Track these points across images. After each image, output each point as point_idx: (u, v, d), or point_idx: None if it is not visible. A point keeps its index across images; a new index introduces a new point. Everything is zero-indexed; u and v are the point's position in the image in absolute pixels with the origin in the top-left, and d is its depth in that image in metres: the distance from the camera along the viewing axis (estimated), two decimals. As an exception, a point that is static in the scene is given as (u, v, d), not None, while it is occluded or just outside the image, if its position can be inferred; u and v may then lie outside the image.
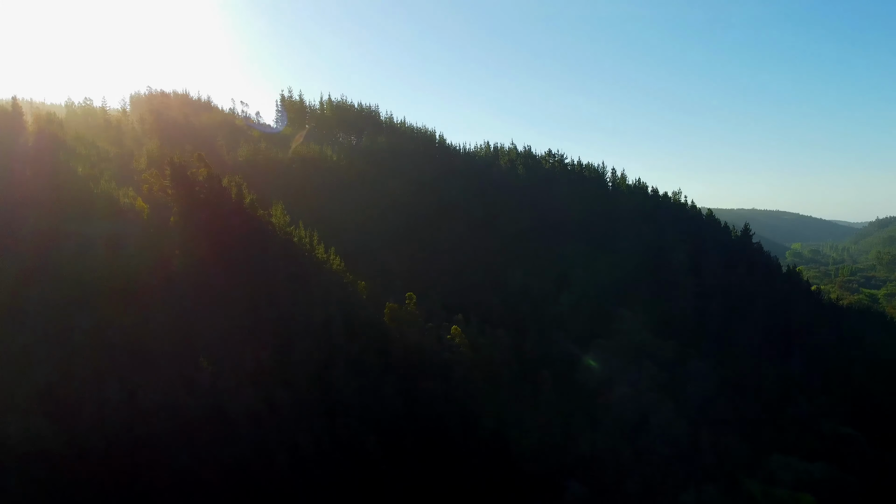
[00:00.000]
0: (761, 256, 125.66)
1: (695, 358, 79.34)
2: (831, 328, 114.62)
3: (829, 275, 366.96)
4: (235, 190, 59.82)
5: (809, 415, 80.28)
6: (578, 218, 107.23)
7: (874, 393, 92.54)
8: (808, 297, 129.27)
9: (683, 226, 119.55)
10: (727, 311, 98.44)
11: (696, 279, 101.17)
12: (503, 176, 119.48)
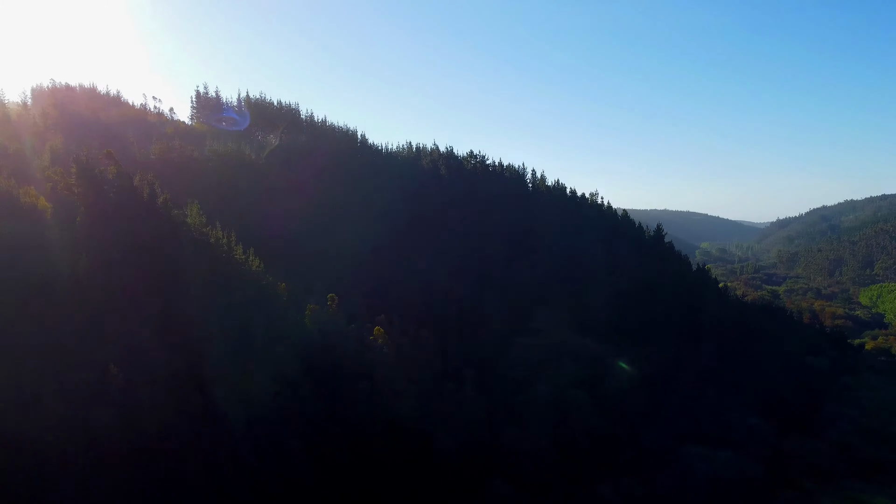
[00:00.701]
0: (673, 255, 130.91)
1: (612, 354, 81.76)
2: (737, 323, 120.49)
3: (735, 272, 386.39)
4: (147, 189, 57.45)
5: (719, 406, 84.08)
6: (499, 218, 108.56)
7: (777, 383, 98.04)
8: (717, 294, 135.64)
9: (600, 226, 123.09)
10: (642, 308, 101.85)
11: (612, 277, 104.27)
12: (425, 176, 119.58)
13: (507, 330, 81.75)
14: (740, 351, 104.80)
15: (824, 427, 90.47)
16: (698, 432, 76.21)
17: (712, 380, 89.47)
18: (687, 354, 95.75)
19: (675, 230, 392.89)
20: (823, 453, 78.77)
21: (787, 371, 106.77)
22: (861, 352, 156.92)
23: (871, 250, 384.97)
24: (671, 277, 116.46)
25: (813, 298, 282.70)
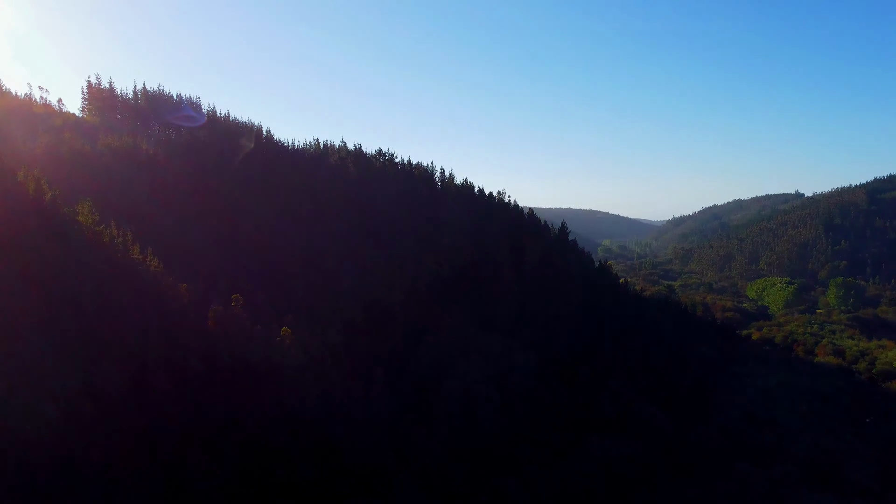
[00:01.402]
0: (576, 252, 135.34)
1: (518, 349, 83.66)
2: (637, 317, 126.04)
3: (635, 268, 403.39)
4: (33, 185, 53.89)
5: (617, 397, 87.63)
6: (408, 216, 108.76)
7: (672, 373, 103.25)
8: (617, 289, 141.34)
9: (507, 224, 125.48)
10: (547, 304, 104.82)
11: (518, 274, 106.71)
12: (333, 174, 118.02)
13: (416, 328, 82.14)
14: (639, 343, 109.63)
15: (715, 413, 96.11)
16: (599, 422, 79.17)
17: (613, 371, 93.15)
18: (589, 347, 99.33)
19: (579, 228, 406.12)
20: (714, 438, 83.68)
21: (681, 361, 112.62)
22: (748, 342, 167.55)
23: (756, 247, 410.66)
24: (574, 274, 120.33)
25: (705, 292, 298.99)
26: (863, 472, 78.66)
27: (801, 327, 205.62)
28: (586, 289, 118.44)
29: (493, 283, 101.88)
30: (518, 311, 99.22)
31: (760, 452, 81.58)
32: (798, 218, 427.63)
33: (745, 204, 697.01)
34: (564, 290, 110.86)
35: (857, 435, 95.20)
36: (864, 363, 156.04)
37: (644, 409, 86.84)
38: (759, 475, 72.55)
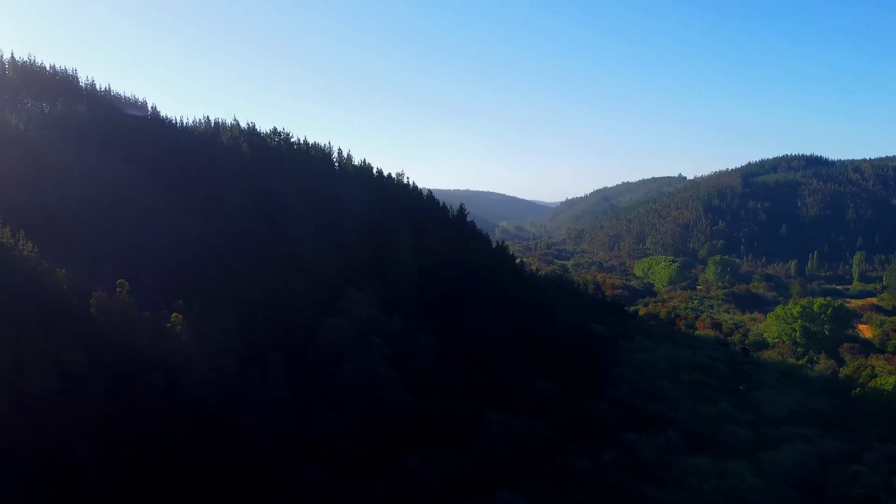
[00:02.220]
0: (475, 233, 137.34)
1: (419, 331, 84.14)
2: (533, 296, 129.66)
3: (531, 248, 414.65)
4: None
5: (516, 374, 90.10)
6: (305, 198, 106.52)
7: (567, 350, 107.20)
8: (514, 269, 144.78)
9: (406, 205, 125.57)
10: (447, 285, 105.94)
11: (418, 256, 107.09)
12: (226, 154, 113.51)
13: (316, 311, 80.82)
14: (535, 321, 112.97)
15: (606, 387, 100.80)
16: (499, 399, 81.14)
17: (511, 349, 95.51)
18: (489, 327, 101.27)
19: (477, 209, 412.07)
20: (605, 411, 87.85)
21: (575, 338, 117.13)
22: (636, 317, 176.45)
23: (643, 227, 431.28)
24: (473, 254, 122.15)
25: (596, 271, 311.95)
26: (736, 436, 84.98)
27: (684, 303, 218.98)
28: (485, 269, 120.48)
29: (393, 265, 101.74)
30: (419, 292, 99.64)
31: (647, 421, 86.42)
32: (681, 200, 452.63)
33: (632, 186, 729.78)
34: (464, 271, 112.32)
35: (732, 402, 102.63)
36: (739, 335, 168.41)
37: (541, 385, 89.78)
38: (645, 442, 76.89)
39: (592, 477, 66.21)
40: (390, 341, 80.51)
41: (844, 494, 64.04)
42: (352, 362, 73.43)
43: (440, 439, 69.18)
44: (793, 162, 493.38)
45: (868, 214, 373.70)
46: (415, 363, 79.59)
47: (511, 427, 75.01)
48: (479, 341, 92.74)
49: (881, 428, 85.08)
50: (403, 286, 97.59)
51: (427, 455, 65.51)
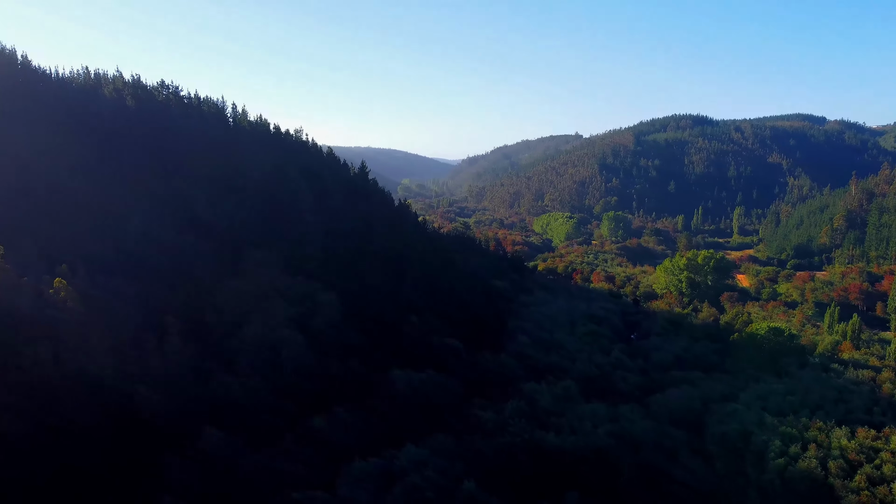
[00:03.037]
0: (377, 191, 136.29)
1: (322, 291, 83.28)
2: (436, 253, 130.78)
3: (433, 206, 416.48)
4: None
5: (420, 331, 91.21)
6: (200, 156, 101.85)
7: (469, 306, 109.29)
8: (417, 227, 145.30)
9: (306, 163, 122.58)
10: (349, 244, 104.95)
11: (320, 215, 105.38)
12: (109, 109, 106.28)
13: (214, 274, 78.29)
14: (438, 279, 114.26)
15: (507, 341, 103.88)
16: (404, 357, 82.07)
17: (415, 307, 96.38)
18: (392, 285, 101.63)
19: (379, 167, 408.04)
20: (507, 364, 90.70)
21: (477, 294, 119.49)
22: (535, 273, 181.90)
23: (541, 184, 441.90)
24: (375, 213, 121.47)
25: (497, 228, 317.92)
26: (628, 382, 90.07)
27: (580, 257, 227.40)
28: (388, 227, 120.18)
29: (293, 224, 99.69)
30: (321, 251, 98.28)
31: (546, 372, 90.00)
32: (577, 158, 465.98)
33: (532, 144, 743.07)
34: (366, 230, 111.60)
35: (624, 350, 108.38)
36: (630, 287, 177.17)
37: (445, 341, 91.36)
38: (544, 392, 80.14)
39: (495, 427, 68.57)
40: (293, 302, 79.36)
41: (722, 432, 69.44)
42: (254, 325, 71.96)
43: (346, 399, 69.45)
44: (681, 121, 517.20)
45: (747, 172, 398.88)
46: (318, 324, 78.97)
47: (416, 383, 76.20)
48: (383, 300, 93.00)
49: (755, 369, 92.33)
50: (305, 246, 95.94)
51: (333, 415, 65.70)
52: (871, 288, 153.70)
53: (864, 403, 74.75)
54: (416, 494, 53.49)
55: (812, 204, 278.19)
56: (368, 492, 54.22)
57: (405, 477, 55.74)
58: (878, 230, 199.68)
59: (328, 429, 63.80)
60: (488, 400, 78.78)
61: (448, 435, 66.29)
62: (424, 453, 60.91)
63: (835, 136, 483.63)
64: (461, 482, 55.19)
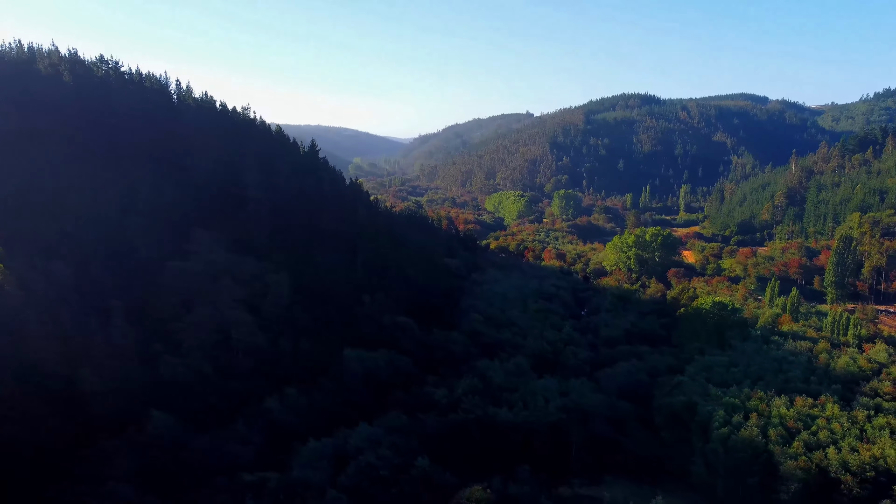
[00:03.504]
0: (328, 170, 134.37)
1: (272, 271, 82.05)
2: (388, 232, 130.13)
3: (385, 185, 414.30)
4: None
5: (373, 310, 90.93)
6: (141, 134, 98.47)
7: (422, 284, 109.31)
8: (368, 206, 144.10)
9: (254, 142, 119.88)
10: (300, 223, 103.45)
11: (269, 194, 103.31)
12: (44, 85, 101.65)
13: (159, 255, 76.22)
14: (391, 258, 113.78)
15: (459, 318, 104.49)
16: (356, 337, 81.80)
17: (367, 286, 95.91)
18: (344, 264, 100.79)
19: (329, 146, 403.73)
20: (459, 341, 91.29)
21: (429, 272, 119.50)
22: (487, 251, 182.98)
23: (493, 163, 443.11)
24: (326, 192, 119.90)
25: (449, 207, 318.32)
26: (578, 358, 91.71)
27: (531, 235, 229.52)
28: (338, 206, 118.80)
29: (242, 204, 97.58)
30: (270, 231, 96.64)
31: (498, 349, 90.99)
32: (528, 136, 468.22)
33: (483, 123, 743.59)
34: (317, 209, 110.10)
35: (575, 326, 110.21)
36: (581, 264, 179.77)
37: (397, 320, 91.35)
38: (496, 369, 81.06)
39: (449, 405, 69.09)
40: (242, 283, 77.98)
41: (669, 403, 71.46)
42: (202, 307, 70.52)
43: (298, 379, 68.97)
44: (629, 100, 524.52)
45: (693, 150, 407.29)
46: (269, 304, 77.90)
47: (368, 362, 76.15)
48: (335, 279, 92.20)
49: (700, 342, 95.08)
50: (255, 225, 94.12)
51: (285, 396, 65.20)
52: (810, 262, 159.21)
53: (801, 373, 77.74)
54: (370, 473, 53.63)
55: (754, 181, 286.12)
56: (322, 471, 54.12)
57: (359, 456, 55.85)
58: (816, 207, 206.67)
59: (280, 409, 63.35)
60: (441, 377, 79.33)
61: (401, 413, 66.60)
62: (378, 432, 61.08)
63: (776, 116, 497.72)
64: (415, 459, 55.54)
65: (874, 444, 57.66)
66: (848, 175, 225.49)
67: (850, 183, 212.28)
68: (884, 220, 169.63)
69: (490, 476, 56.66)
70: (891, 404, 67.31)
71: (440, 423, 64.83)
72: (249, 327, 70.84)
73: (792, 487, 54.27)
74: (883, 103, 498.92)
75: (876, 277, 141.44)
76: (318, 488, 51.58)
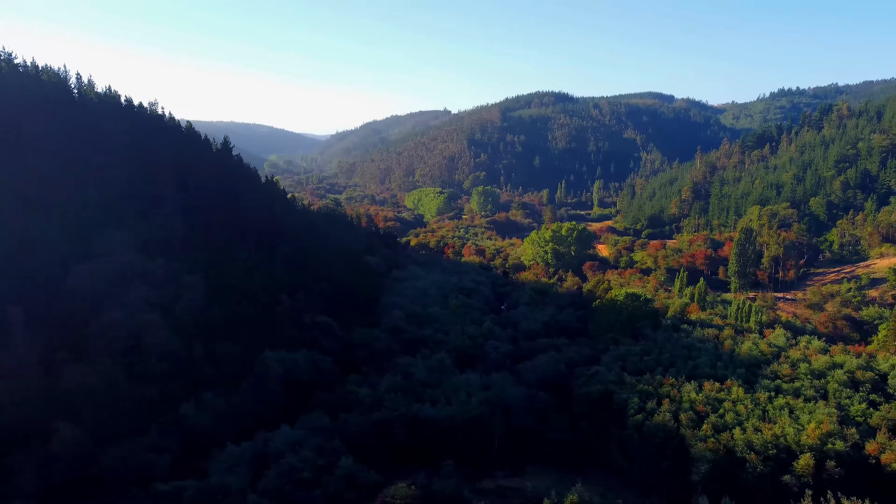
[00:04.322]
0: (242, 168, 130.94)
1: (186, 272, 79.42)
2: (306, 231, 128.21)
3: (302, 183, 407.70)
4: None
5: (292, 310, 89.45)
6: (41, 131, 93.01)
7: (342, 283, 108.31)
8: (286, 204, 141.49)
9: (164, 139, 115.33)
10: (215, 223, 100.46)
11: (182, 193, 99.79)
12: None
13: (64, 257, 72.36)
14: (310, 257, 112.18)
15: (381, 316, 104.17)
16: (276, 337, 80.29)
17: (286, 286, 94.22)
18: (262, 263, 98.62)
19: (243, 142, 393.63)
20: (381, 339, 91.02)
21: (350, 271, 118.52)
22: (407, 248, 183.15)
23: (412, 160, 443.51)
24: (241, 190, 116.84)
25: (369, 204, 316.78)
26: (499, 351, 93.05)
27: (451, 232, 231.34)
28: (255, 205, 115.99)
29: (152, 204, 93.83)
30: (184, 232, 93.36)
31: (421, 345, 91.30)
32: (446, 133, 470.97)
33: (401, 120, 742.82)
34: (231, 208, 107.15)
35: (495, 321, 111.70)
36: (500, 259, 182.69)
37: (318, 319, 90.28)
38: (419, 365, 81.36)
39: (372, 403, 68.83)
40: (155, 285, 75.13)
41: (587, 392, 73.57)
42: (111, 310, 67.44)
43: (215, 383, 67.17)
44: (544, 98, 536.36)
45: (605, 147, 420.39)
46: (183, 306, 75.34)
47: (289, 363, 74.94)
48: (253, 279, 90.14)
49: (615, 333, 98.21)
50: (166, 226, 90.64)
51: (202, 401, 63.37)
52: (715, 254, 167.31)
53: (709, 359, 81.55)
54: (292, 475, 52.81)
55: (663, 177, 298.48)
56: (242, 476, 52.95)
57: (280, 458, 54.89)
58: (719, 200, 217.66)
59: (197, 415, 61.57)
60: (364, 376, 78.98)
61: (324, 413, 65.95)
62: (300, 433, 60.23)
63: (682, 114, 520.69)
64: (338, 459, 55.09)
65: (775, 424, 61.24)
66: (748, 170, 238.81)
67: (750, 178, 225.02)
68: (780, 212, 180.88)
69: (415, 472, 56.93)
70: (789, 385, 71.63)
71: (363, 422, 64.52)
72: (163, 331, 68.27)
73: (702, 469, 56.89)
74: (778, 102, 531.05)
75: (774, 267, 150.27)
76: (238, 494, 50.46)
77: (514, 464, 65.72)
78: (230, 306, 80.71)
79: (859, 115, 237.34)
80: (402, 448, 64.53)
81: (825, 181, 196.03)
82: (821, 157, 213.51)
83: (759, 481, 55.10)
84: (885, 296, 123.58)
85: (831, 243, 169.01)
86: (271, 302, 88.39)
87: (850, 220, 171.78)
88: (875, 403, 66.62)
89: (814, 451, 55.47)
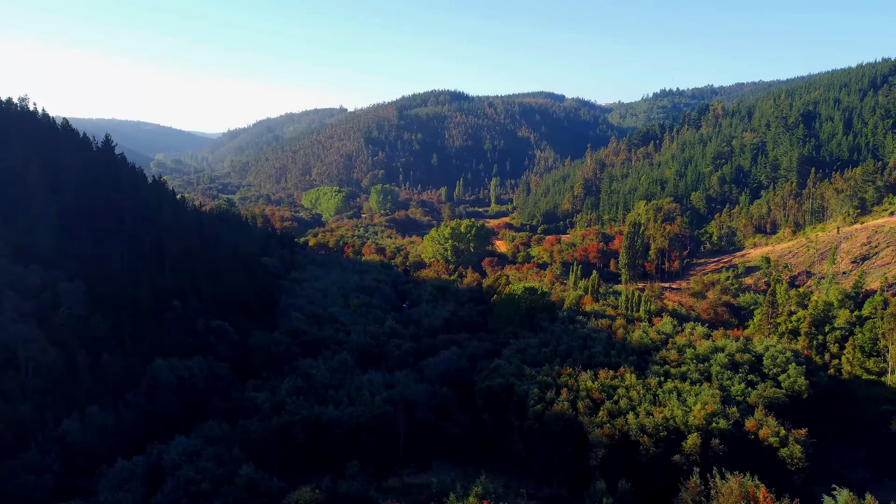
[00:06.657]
0: (126, 168, 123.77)
1: (63, 280, 74.02)
2: (197, 233, 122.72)
3: (192, 183, 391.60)
4: None
5: (184, 316, 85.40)
6: None
7: (237, 286, 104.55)
8: (174, 206, 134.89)
9: (35, 138, 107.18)
10: (95, 227, 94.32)
11: (56, 196, 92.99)
12: None
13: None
14: (201, 259, 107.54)
15: (280, 319, 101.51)
16: (166, 345, 76.44)
17: (176, 291, 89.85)
18: (149, 268, 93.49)
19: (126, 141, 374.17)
20: (280, 342, 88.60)
21: (245, 273, 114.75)
22: (306, 248, 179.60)
23: (308, 158, 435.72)
24: (125, 192, 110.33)
25: (264, 204, 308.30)
26: (401, 350, 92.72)
27: (350, 231, 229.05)
28: (140, 207, 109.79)
29: (22, 207, 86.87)
30: (59, 236, 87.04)
31: (322, 346, 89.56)
32: (343, 131, 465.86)
33: (296, 117, 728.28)
34: (114, 210, 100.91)
35: (397, 319, 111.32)
36: (400, 257, 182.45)
37: (212, 324, 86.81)
38: (320, 367, 79.72)
39: (272, 408, 66.71)
40: (28, 295, 69.55)
41: (488, 386, 74.49)
42: (-23, 324, 61.89)
43: (101, 396, 63.11)
44: (440, 96, 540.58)
45: (501, 145, 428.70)
46: (62, 316, 70.21)
47: (182, 371, 71.56)
48: (138, 285, 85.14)
49: (514, 326, 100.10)
50: (40, 231, 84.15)
51: (87, 415, 59.31)
52: (606, 247, 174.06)
53: (603, 348, 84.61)
54: (188, 488, 50.26)
55: (556, 174, 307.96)
56: (134, 492, 49.92)
57: (176, 471, 52.13)
58: (609, 196, 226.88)
59: (80, 431, 57.54)
60: (263, 381, 76.58)
61: (222, 421, 63.20)
62: (196, 443, 57.47)
63: (573, 112, 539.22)
64: (238, 467, 52.97)
65: (665, 407, 64.36)
66: (634, 167, 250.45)
67: (637, 174, 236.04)
68: (665, 206, 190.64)
69: (320, 476, 55.65)
70: (676, 370, 75.49)
71: (263, 428, 62.38)
72: (39, 343, 63.29)
73: (600, 454, 58.96)
74: (660, 102, 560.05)
75: (661, 258, 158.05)
76: (130, 511, 47.53)
77: (419, 460, 65.61)
78: (115, 314, 75.85)
79: (732, 114, 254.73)
80: (306, 452, 63.06)
81: (704, 176, 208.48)
82: (700, 154, 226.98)
83: (652, 462, 57.74)
84: (758, 283, 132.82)
85: (711, 235, 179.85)
86: (160, 308, 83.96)
87: (728, 213, 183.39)
88: (752, 383, 71.55)
89: (700, 430, 58.79)
